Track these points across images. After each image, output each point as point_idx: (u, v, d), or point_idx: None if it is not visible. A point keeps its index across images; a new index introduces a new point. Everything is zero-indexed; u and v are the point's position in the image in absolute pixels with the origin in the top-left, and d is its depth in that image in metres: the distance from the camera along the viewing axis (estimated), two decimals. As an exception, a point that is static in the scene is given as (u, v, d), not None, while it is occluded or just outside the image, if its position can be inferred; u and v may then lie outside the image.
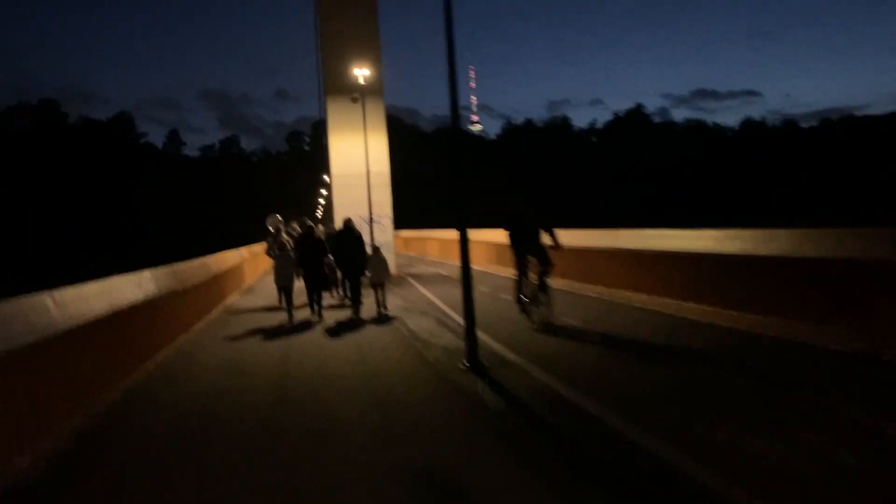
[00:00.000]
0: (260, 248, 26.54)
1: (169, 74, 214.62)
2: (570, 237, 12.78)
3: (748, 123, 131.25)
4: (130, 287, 8.95)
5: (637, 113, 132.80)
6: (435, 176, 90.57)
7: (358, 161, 22.37)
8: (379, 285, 13.47)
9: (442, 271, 22.98)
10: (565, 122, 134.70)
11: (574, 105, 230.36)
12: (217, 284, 14.96)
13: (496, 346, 8.83)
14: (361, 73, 20.09)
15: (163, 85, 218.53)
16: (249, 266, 22.83)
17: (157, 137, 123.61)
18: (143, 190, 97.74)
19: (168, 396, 7.37)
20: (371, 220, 20.22)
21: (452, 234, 28.76)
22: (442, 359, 8.43)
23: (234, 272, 18.52)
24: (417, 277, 20.98)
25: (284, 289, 13.29)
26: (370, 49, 21.59)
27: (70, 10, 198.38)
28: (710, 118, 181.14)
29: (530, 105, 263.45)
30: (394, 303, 14.52)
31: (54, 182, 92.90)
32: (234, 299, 17.16)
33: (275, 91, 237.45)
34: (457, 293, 16.15)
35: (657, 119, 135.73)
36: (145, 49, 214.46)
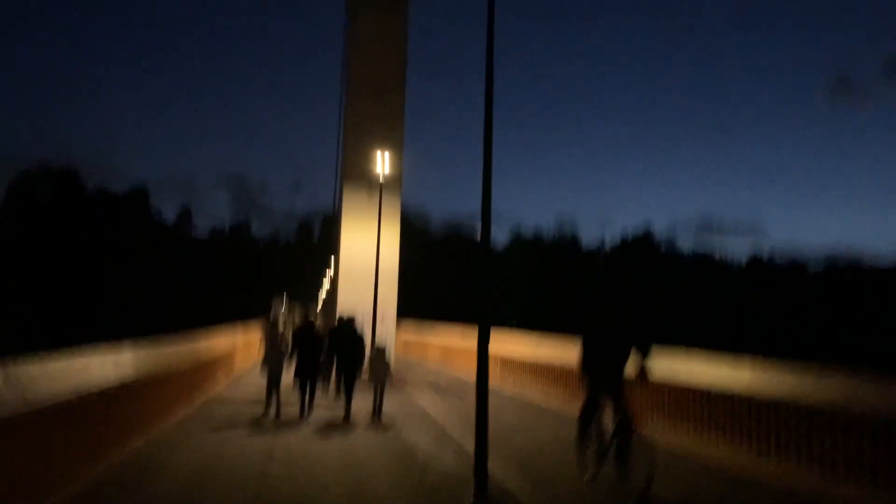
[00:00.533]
0: (256, 328, 25.52)
1: (189, 154, 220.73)
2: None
3: (754, 261, 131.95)
4: (105, 366, 7.99)
5: (646, 240, 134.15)
6: (439, 278, 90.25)
7: (368, 254, 21.74)
8: (379, 385, 12.72)
9: (442, 381, 21.86)
10: (574, 240, 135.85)
11: (582, 216, 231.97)
12: (204, 371, 13.92)
13: (514, 486, 7.68)
14: (383, 155, 19.76)
15: (182, 164, 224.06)
16: (242, 352, 21.78)
17: (169, 214, 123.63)
18: (148, 264, 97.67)
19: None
20: (374, 318, 19.32)
21: (455, 342, 27.72)
22: (443, 488, 7.33)
23: (225, 359, 17.47)
24: (411, 385, 19.89)
25: (273, 381, 12.54)
26: (393, 139, 21.47)
27: (101, 80, 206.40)
28: (718, 244, 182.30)
29: (540, 211, 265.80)
30: (390, 410, 13.46)
31: (64, 247, 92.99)
32: (221, 387, 16.05)
33: (291, 181, 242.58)
34: (449, 405, 15.42)
35: (665, 247, 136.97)
36: (169, 126, 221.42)
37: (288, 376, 12.68)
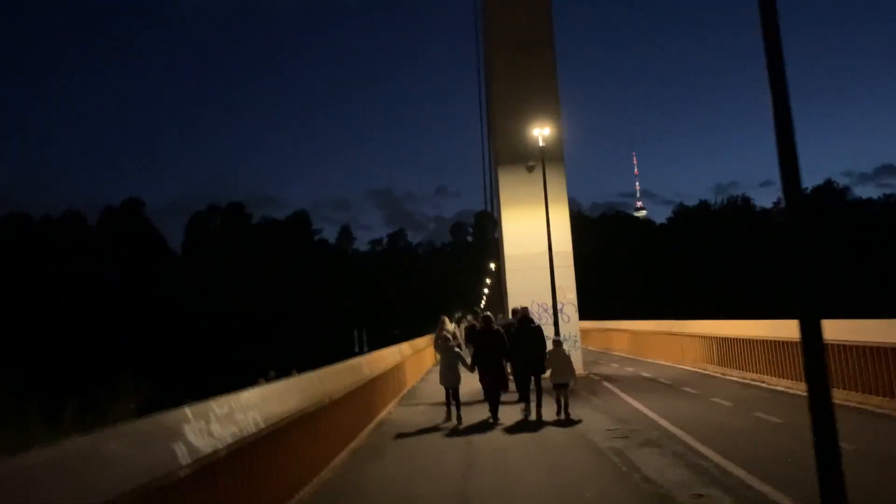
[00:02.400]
0: (425, 342, 23.72)
1: (340, 176, 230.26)
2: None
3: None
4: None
5: (829, 189, 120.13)
6: (604, 263, 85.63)
7: (535, 239, 19.06)
8: (561, 387, 11.42)
9: (642, 372, 18.59)
10: (746, 202, 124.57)
11: (743, 187, 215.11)
12: (368, 393, 11.86)
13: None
14: (541, 132, 16.92)
15: (334, 187, 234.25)
16: (412, 364, 19.88)
17: (330, 235, 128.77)
18: (318, 282, 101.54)
19: None
20: (555, 309, 16.52)
21: (646, 326, 24.25)
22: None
23: (393, 374, 15.49)
24: (614, 380, 16.82)
25: (451, 388, 11.75)
26: (549, 107, 18.55)
27: (250, 122, 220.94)
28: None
29: (697, 189, 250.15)
30: (598, 421, 10.67)
31: (236, 273, 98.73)
32: (391, 407, 14.02)
33: (435, 188, 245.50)
34: (689, 408, 11.88)
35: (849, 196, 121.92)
36: (320, 153, 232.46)
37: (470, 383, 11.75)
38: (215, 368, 59.36)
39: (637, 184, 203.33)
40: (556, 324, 15.93)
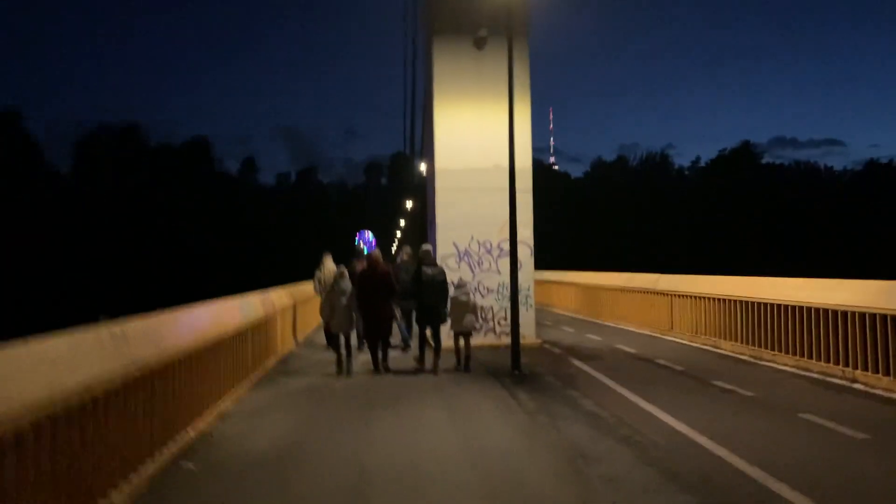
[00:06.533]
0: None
1: (241, 113, 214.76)
2: None
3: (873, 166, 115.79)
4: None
5: (745, 151, 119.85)
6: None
7: (480, 149, 13.59)
8: (462, 335, 10.64)
9: (617, 343, 13.45)
10: (664, 159, 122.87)
11: (642, 151, 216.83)
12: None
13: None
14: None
15: (235, 123, 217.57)
16: (287, 321, 14.12)
17: (232, 167, 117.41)
18: (217, 215, 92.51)
19: None
20: (514, 248, 10.87)
21: (606, 279, 19.04)
22: None
23: (238, 344, 9.71)
24: (587, 358, 11.69)
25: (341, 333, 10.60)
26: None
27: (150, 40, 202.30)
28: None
29: (600, 149, 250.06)
30: (622, 463, 5.35)
31: (133, 203, 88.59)
32: (236, 397, 8.23)
33: (344, 129, 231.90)
34: (777, 437, 6.25)
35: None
36: (220, 86, 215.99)
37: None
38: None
39: (552, 140, 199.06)
40: (513, 268, 10.44)
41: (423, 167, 27.92)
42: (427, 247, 11.47)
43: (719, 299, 12.40)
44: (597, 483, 5.21)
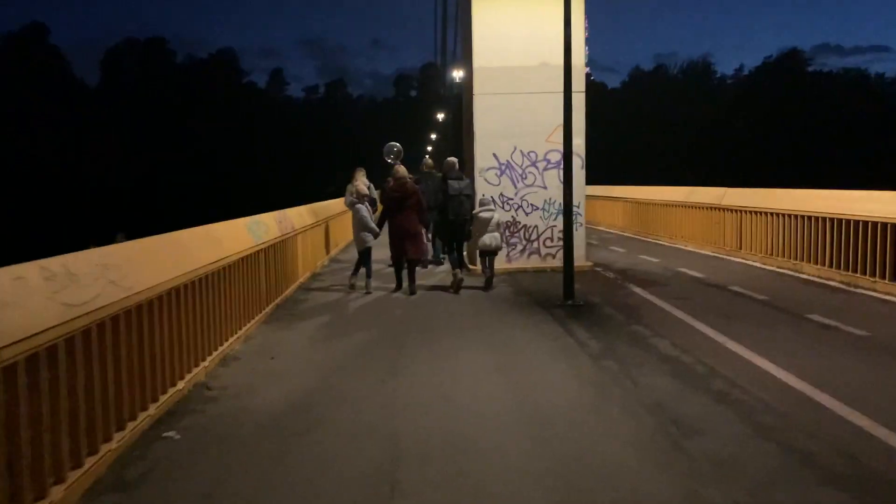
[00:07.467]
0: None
1: (265, 23, 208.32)
2: None
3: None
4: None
5: (792, 57, 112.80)
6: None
7: (525, 45, 11.78)
8: (488, 255, 10.19)
9: (676, 265, 12.02)
10: (706, 67, 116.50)
11: (681, 60, 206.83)
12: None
13: None
14: None
15: (261, 34, 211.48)
16: (315, 241, 12.95)
17: (259, 80, 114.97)
18: (247, 129, 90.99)
19: None
20: (568, 156, 9.31)
21: (660, 194, 17.38)
22: None
23: (248, 267, 8.53)
24: (648, 284, 10.36)
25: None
26: None
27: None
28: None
29: (637, 58, 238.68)
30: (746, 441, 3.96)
31: (161, 116, 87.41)
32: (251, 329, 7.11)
33: (370, 40, 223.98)
34: None
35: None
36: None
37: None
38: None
39: (586, 49, 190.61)
40: (566, 181, 8.93)
41: (458, 74, 25.96)
42: (452, 159, 10.75)
43: (800, 216, 10.79)
44: (706, 467, 3.90)
